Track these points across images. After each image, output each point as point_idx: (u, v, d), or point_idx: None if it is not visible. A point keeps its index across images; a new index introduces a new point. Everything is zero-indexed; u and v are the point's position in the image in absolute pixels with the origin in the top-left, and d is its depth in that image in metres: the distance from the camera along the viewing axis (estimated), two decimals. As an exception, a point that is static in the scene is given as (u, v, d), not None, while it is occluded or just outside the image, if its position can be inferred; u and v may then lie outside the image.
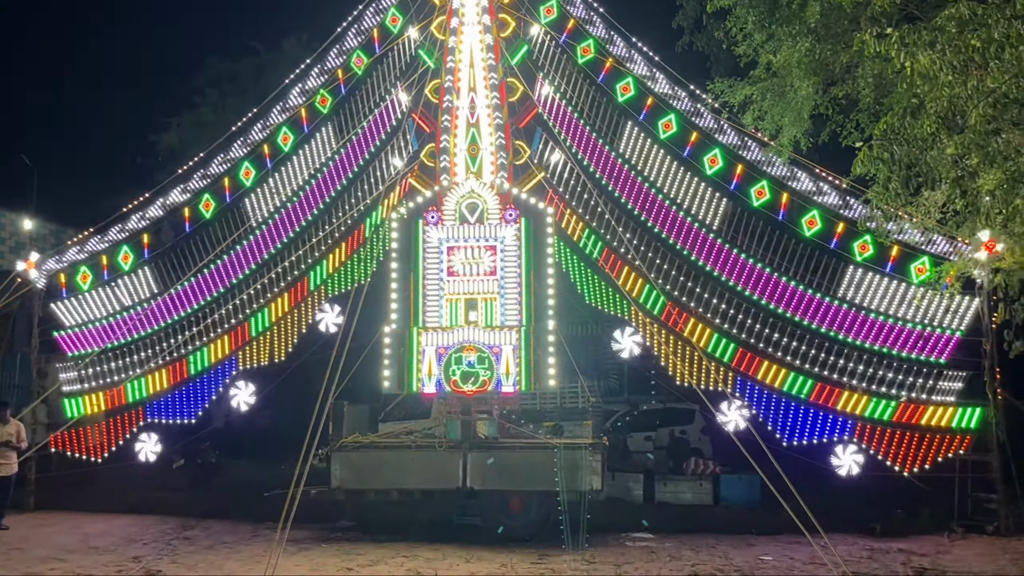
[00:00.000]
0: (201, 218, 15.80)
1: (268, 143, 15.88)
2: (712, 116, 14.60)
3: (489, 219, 13.44)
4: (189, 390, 15.42)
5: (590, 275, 15.49)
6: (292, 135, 15.79)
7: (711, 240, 14.12)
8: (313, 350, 15.02)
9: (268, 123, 16.27)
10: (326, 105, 15.80)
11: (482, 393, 12.97)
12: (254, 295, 15.30)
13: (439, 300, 13.29)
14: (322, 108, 15.81)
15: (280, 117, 16.18)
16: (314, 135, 15.75)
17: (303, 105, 15.93)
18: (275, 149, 15.84)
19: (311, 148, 15.70)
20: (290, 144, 15.76)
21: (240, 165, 15.85)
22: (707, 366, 13.71)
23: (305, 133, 15.79)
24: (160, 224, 16.27)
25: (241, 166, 15.83)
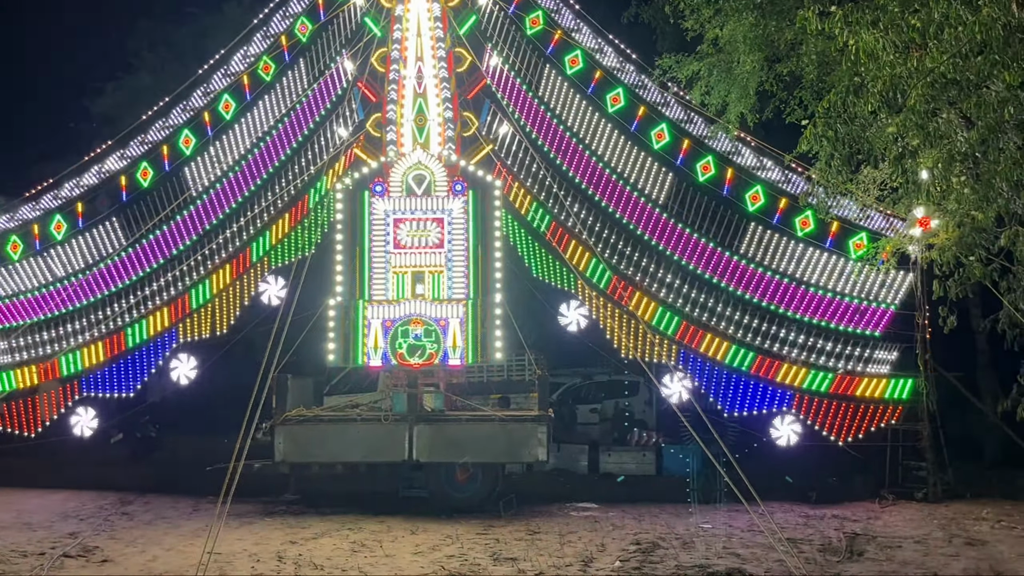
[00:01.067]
0: (139, 187, 15.31)
1: (209, 110, 15.42)
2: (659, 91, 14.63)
3: (436, 191, 13.30)
4: (127, 363, 15.02)
5: (537, 248, 15.48)
6: (234, 103, 15.35)
7: (657, 214, 14.23)
8: (256, 323, 14.75)
9: (209, 90, 15.79)
10: (269, 72, 15.40)
11: (429, 366, 12.91)
12: (195, 266, 14.93)
13: (385, 272, 13.15)
14: (265, 75, 15.40)
15: (222, 83, 15.72)
16: (257, 103, 15.36)
17: (245, 72, 15.50)
18: (216, 117, 15.38)
19: (254, 116, 15.32)
20: (232, 112, 15.33)
21: (180, 132, 15.37)
22: (651, 339, 13.86)
23: (247, 101, 15.37)
24: (95, 192, 15.70)
25: (181, 133, 15.35)
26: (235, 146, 15.26)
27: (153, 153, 15.45)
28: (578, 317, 14.14)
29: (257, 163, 15.09)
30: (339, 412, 13.23)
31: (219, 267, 14.89)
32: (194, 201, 15.03)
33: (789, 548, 9.92)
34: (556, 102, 14.68)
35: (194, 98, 15.84)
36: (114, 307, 15.00)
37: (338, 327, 12.97)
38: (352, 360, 13.09)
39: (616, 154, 14.40)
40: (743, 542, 10.68)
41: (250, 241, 14.92)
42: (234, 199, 15.04)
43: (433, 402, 13.19)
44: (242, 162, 15.13)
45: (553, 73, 14.68)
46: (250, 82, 15.41)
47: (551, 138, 14.65)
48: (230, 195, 15.06)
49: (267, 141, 15.13)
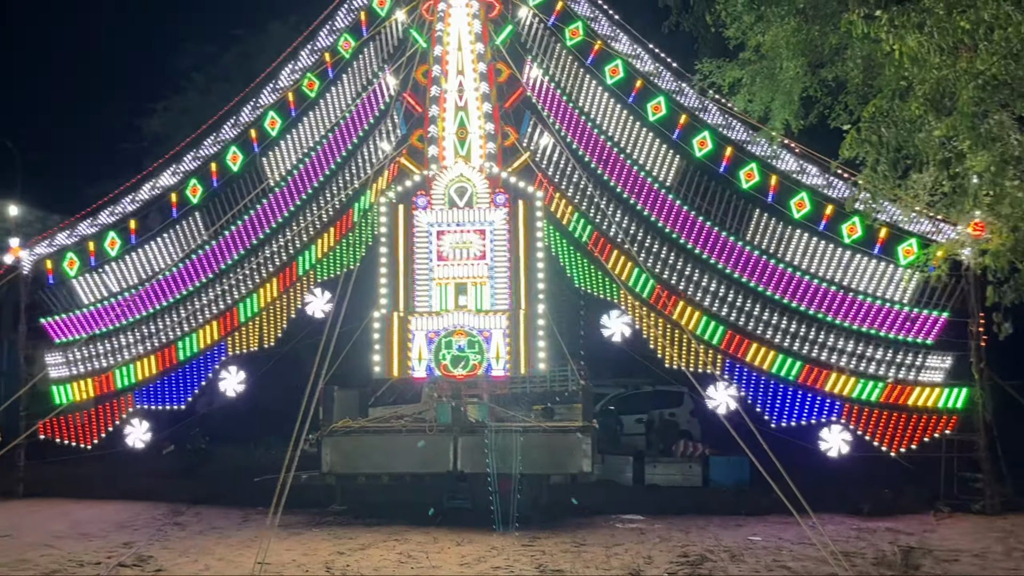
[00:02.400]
0: (188, 203, 15.66)
1: (255, 127, 15.72)
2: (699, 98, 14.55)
3: (478, 203, 13.39)
4: (178, 376, 15.35)
5: (579, 258, 15.47)
6: (280, 119, 15.64)
7: (699, 222, 14.11)
8: (303, 335, 14.96)
9: (255, 107, 16.11)
10: (314, 89, 15.66)
11: (472, 377, 12.96)
12: (243, 280, 15.20)
13: (429, 284, 13.27)
14: (310, 92, 15.66)
15: (268, 100, 16.02)
16: (302, 119, 15.62)
17: (290, 89, 15.78)
18: (262, 133, 15.68)
19: (299, 132, 15.58)
20: (277, 128, 15.61)
21: (227, 150, 15.69)
22: (696, 349, 13.73)
23: (293, 117, 15.65)
24: (147, 209, 16.11)
25: (228, 151, 15.68)
26: (281, 162, 15.53)
27: (202, 170, 15.78)
28: (621, 327, 14.08)
29: (303, 178, 15.34)
30: (384, 424, 13.35)
31: (266, 281, 15.15)
32: (241, 216, 15.32)
33: (842, 561, 9.71)
34: (596, 112, 14.69)
35: (241, 115, 16.16)
36: (166, 321, 15.34)
37: (383, 339, 13.12)
38: (397, 372, 13.22)
39: (658, 163, 14.35)
40: (794, 555, 10.50)
41: (296, 255, 15.17)
42: (280, 213, 15.30)
43: (477, 413, 13.23)
44: (288, 177, 15.40)
45: (593, 83, 14.69)
46: (295, 99, 15.70)
47: (592, 148, 14.66)
48: (276, 209, 15.32)
49: (312, 156, 15.37)
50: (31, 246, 16.38)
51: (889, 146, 8.77)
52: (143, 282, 15.61)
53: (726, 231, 14.02)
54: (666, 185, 14.25)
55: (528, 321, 12.96)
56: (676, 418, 17.62)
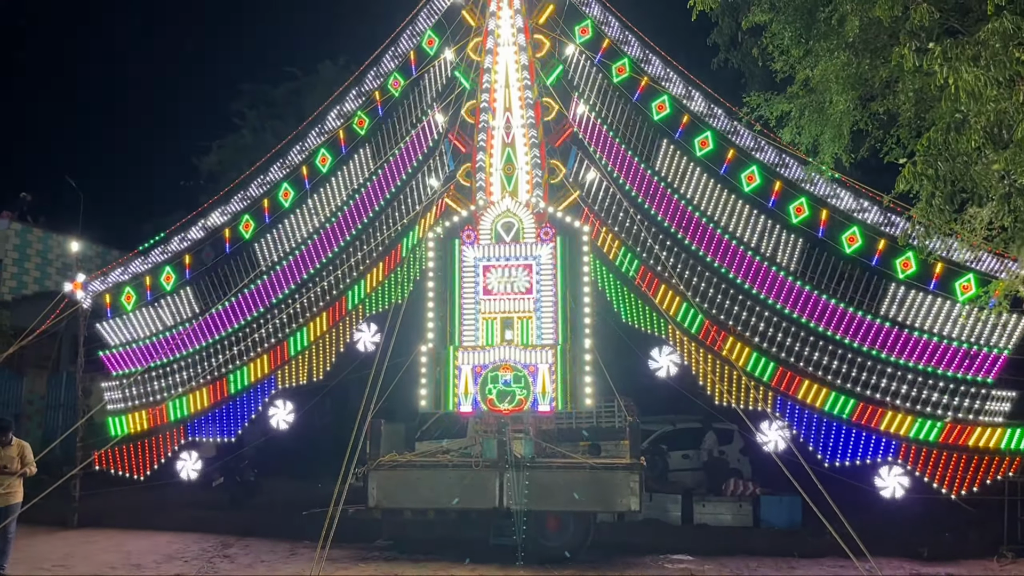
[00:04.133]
0: (241, 239, 16.02)
1: (306, 164, 16.08)
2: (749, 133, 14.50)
3: (525, 238, 13.46)
4: (229, 408, 15.57)
5: (627, 293, 15.41)
6: (330, 156, 15.96)
7: (749, 258, 13.99)
8: (351, 369, 15.10)
9: (306, 145, 16.49)
10: (363, 127, 15.97)
11: (518, 412, 12.92)
12: (293, 315, 15.44)
13: (475, 319, 13.32)
14: (359, 130, 15.98)
15: (318, 139, 16.39)
16: (351, 156, 15.91)
17: (341, 127, 16.12)
18: (313, 170, 16.01)
19: (349, 169, 15.86)
20: (328, 165, 15.93)
21: (279, 187, 16.07)
22: (746, 385, 13.53)
23: (343, 154, 15.97)
24: (201, 245, 16.52)
25: (280, 187, 16.05)
26: (331, 198, 15.81)
27: (255, 206, 16.16)
28: (669, 363, 13.95)
29: (352, 214, 15.59)
30: (430, 458, 13.36)
31: (316, 315, 15.35)
32: (292, 252, 15.61)
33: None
34: (643, 148, 14.72)
35: (292, 153, 16.54)
36: (218, 355, 15.61)
37: (429, 373, 13.17)
38: (443, 406, 13.24)
39: (705, 199, 14.30)
40: (850, 600, 10.18)
41: (346, 290, 15.36)
42: (330, 249, 15.55)
43: (523, 449, 13.18)
44: (338, 213, 15.65)
45: (640, 119, 14.74)
46: (345, 137, 16.02)
47: (639, 183, 14.67)
48: (326, 245, 15.58)
49: (362, 192, 15.63)
50: (90, 281, 16.90)
51: (945, 179, 8.61)
52: (196, 316, 15.94)
53: (776, 267, 13.86)
54: (714, 220, 14.17)
55: (574, 356, 12.92)
56: (726, 456, 17.29)
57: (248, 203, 16.40)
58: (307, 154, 16.27)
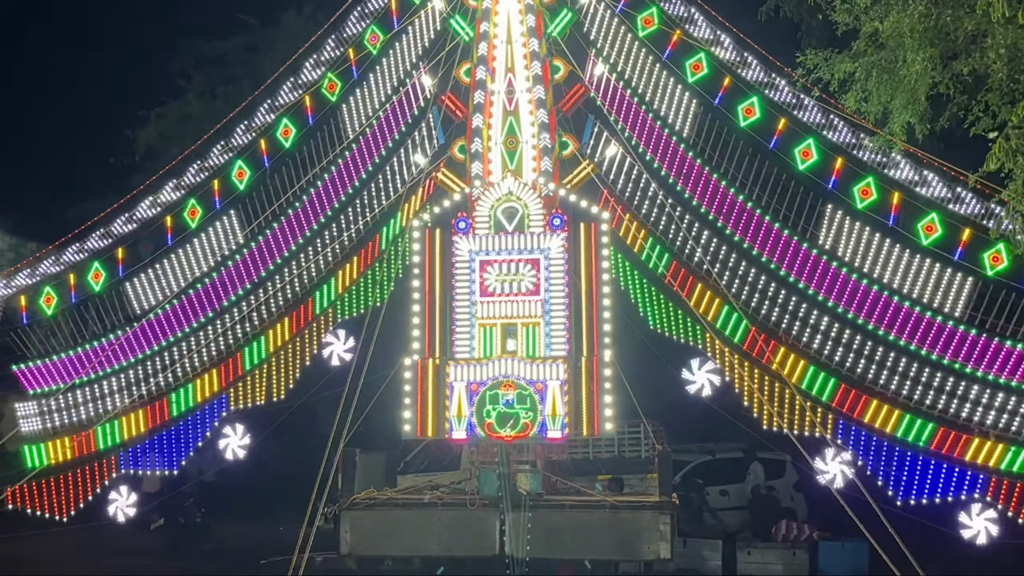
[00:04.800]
0: (186, 228, 16.02)
1: (265, 138, 16.07)
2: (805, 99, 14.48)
3: (531, 227, 13.45)
4: (171, 435, 15.57)
5: (655, 294, 15.41)
6: (294, 128, 15.94)
7: (804, 251, 13.98)
8: (319, 386, 15.10)
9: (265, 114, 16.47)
10: (334, 92, 15.95)
11: (523, 439, 12.92)
12: (248, 320, 15.45)
13: (470, 325, 13.32)
14: (329, 95, 15.96)
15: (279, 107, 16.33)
16: (320, 128, 15.91)
17: (307, 92, 16.11)
18: (273, 145, 16.00)
19: (316, 143, 15.86)
20: (291, 139, 15.91)
21: (232, 164, 16.06)
22: (801, 406, 13.52)
23: (309, 125, 15.96)
24: (138, 236, 16.52)
25: (233, 166, 16.03)
26: (295, 178, 15.81)
27: (202, 189, 16.16)
28: (707, 379, 13.92)
29: (320, 198, 15.60)
30: (416, 495, 13.36)
31: (276, 321, 15.37)
32: (248, 244, 15.63)
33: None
34: (675, 116, 14.71)
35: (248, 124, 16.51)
36: (157, 370, 15.61)
37: (414, 391, 13.17)
38: (431, 431, 13.23)
39: (751, 179, 14.29)
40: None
41: (312, 290, 15.38)
42: (294, 240, 15.56)
43: (529, 483, 13.17)
44: (303, 197, 15.66)
45: (671, 82, 14.73)
46: (312, 104, 16.01)
47: (669, 160, 14.66)
48: (289, 235, 15.58)
49: (332, 172, 15.63)
50: (1, 280, 16.89)
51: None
52: (131, 322, 15.95)
53: (837, 261, 13.85)
54: (762, 206, 14.17)
55: (592, 370, 12.91)
56: (776, 492, 17.28)
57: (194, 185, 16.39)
58: (266, 125, 16.26)
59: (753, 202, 14.25)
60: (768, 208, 14.19)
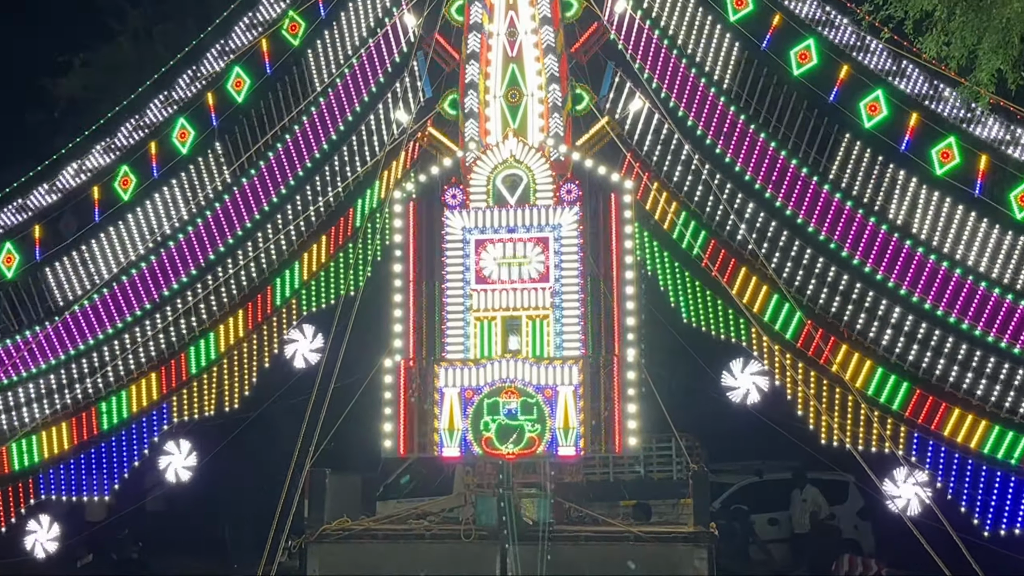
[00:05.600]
0: (118, 202, 16.03)
1: (213, 91, 16.06)
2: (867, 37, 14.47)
3: (538, 199, 13.46)
4: (100, 452, 15.61)
5: (689, 280, 15.43)
6: (248, 78, 15.94)
7: (871, 227, 13.99)
8: (280, 393, 15.15)
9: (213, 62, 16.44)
10: (297, 33, 15.94)
11: (529, 457, 12.95)
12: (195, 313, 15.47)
13: (464, 319, 13.33)
14: (291, 38, 15.95)
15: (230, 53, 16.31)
16: (280, 79, 15.90)
17: (263, 35, 16.10)
18: (223, 99, 16.00)
19: (276, 97, 15.85)
20: (245, 92, 15.92)
21: (174, 123, 16.07)
22: (866, 416, 13.55)
23: (267, 75, 15.96)
24: (59, 211, 16.54)
25: (175, 125, 16.05)
26: (249, 140, 15.81)
27: (137, 153, 16.16)
28: (752, 383, 13.96)
29: (281, 164, 15.61)
30: (399, 525, 13.41)
31: (228, 314, 15.40)
32: (193, 221, 15.65)
33: None
34: (714, 63, 14.70)
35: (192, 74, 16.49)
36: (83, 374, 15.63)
37: (396, 400, 13.20)
38: (417, 448, 13.28)
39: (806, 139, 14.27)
40: None
41: (272, 276, 15.41)
42: (249, 216, 15.59)
43: (536, 511, 13.22)
44: (260, 162, 15.68)
45: (709, 20, 14.72)
46: (271, 49, 16.00)
47: (707, 116, 14.65)
48: (244, 210, 15.61)
49: (295, 132, 15.64)
50: None
51: None
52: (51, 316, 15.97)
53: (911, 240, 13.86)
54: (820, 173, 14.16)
55: (613, 373, 12.94)
56: (837, 521, 17.36)
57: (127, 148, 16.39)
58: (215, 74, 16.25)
59: (809, 167, 14.24)
60: (826, 175, 14.19)
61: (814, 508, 17.23)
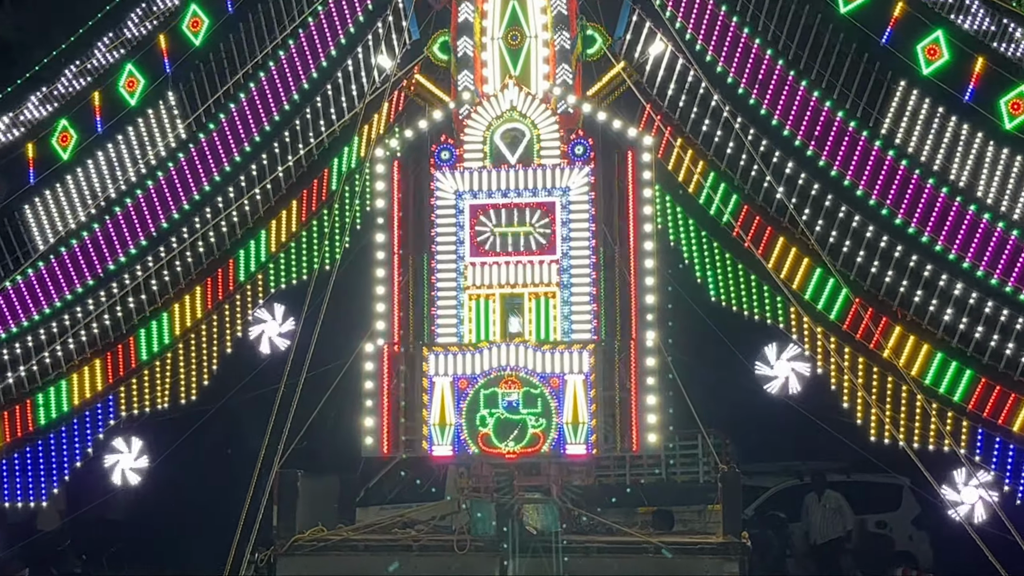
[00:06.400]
0: (56, 161, 16.01)
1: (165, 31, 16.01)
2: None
3: (542, 157, 13.42)
4: (37, 452, 15.64)
5: (718, 251, 15.41)
6: (205, 17, 15.90)
7: (930, 189, 13.95)
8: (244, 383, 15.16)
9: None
10: (262, -37, 15.92)
11: (532, 456, 12.96)
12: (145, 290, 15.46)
13: (457, 297, 13.33)
14: (256, -32, 15.93)
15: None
16: (244, 16, 15.85)
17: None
18: (177, 41, 15.96)
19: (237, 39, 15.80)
20: (203, 33, 15.89)
21: (121, 69, 16.02)
22: (923, 408, 13.55)
23: (228, 14, 15.90)
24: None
25: (122, 70, 16.01)
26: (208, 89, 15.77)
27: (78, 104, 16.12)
28: (791, 371, 13.96)
29: (245, 117, 15.59)
30: (382, 535, 13.44)
31: (184, 291, 15.40)
32: (143, 183, 15.61)
33: None
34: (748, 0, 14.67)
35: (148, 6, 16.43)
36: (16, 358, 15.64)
37: (378, 390, 13.21)
38: (402, 446, 13.30)
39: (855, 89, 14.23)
40: None
41: (235, 247, 15.40)
42: (208, 177, 15.57)
43: (541, 519, 13.24)
44: (221, 115, 15.64)
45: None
46: (232, -18, 15.97)
47: (739, 62, 14.61)
48: (202, 171, 15.59)
49: (261, 80, 15.61)
50: None
51: None
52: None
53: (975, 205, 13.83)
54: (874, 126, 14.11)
55: (630, 360, 12.93)
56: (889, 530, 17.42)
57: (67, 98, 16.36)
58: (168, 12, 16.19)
59: (858, 121, 14.21)
60: (878, 129, 14.15)
61: (833, 515, 17.19)
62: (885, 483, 17.54)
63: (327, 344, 13.01)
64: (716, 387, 15.39)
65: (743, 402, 15.70)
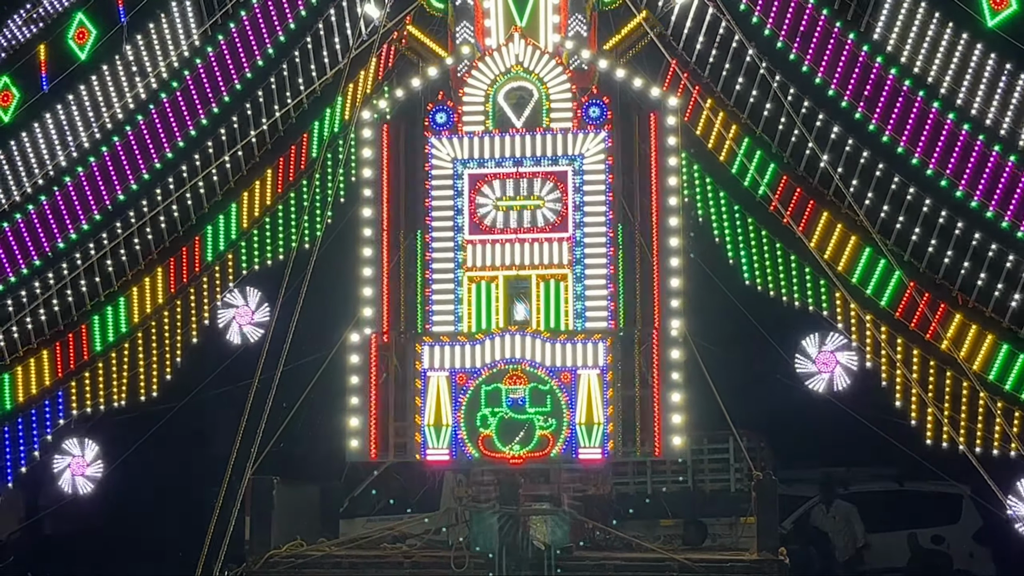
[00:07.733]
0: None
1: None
2: None
3: (552, 120, 13.45)
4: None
5: (753, 229, 15.44)
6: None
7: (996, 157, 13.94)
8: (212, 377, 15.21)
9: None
10: None
11: (540, 460, 13.02)
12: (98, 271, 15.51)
13: (454, 280, 13.37)
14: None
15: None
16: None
17: None
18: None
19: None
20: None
21: (70, 21, 16.05)
22: (986, 407, 13.59)
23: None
24: None
25: (72, 22, 16.03)
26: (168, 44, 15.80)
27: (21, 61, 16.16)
28: (836, 365, 14.01)
29: (212, 74, 15.60)
30: (369, 550, 13.51)
31: (143, 275, 15.45)
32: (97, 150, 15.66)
33: None
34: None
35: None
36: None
37: (365, 386, 13.26)
38: (392, 450, 13.35)
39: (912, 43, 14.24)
40: None
41: (202, 222, 15.43)
42: (170, 143, 15.60)
43: (550, 532, 13.29)
44: (185, 72, 15.66)
45: None
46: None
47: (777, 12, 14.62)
48: (163, 135, 15.62)
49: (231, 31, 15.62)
50: None
51: None
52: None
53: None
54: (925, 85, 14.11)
55: (651, 352, 12.99)
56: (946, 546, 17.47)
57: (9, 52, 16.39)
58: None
59: (912, 80, 14.21)
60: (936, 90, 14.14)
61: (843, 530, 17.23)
62: (942, 492, 17.59)
63: (307, 334, 13.06)
64: (750, 383, 15.47)
65: (781, 400, 15.78)
